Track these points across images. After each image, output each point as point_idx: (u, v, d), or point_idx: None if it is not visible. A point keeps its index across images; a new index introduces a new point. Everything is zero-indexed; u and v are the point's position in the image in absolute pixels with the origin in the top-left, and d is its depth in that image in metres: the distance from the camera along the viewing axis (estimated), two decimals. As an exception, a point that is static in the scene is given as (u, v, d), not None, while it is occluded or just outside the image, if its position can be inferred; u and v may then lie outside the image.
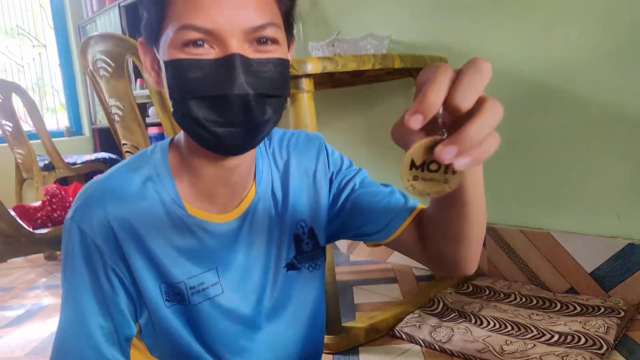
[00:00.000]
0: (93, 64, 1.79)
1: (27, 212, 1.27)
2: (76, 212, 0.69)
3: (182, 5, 0.61)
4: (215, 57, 0.61)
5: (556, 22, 1.63)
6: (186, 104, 0.63)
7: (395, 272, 2.08)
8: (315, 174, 0.82)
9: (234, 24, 0.60)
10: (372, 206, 0.79)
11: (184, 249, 0.72)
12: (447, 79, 0.41)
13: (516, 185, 1.82)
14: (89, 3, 3.68)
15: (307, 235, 0.81)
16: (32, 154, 2.78)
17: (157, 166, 0.73)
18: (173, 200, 0.72)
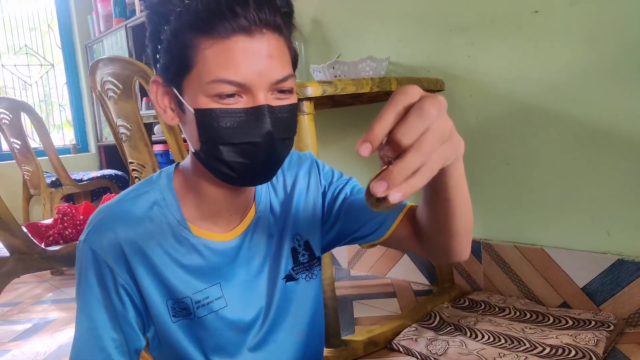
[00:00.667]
0: (101, 85, 1.85)
1: (39, 230, 1.32)
2: (89, 235, 0.76)
3: (212, 59, 0.65)
4: (245, 107, 0.67)
5: (549, 43, 1.70)
6: (217, 148, 0.69)
7: (395, 287, 2.13)
8: (308, 190, 0.89)
9: (262, 78, 0.66)
10: (364, 210, 0.84)
11: (189, 267, 0.78)
12: (395, 113, 0.45)
13: (511, 202, 1.88)
14: (96, 23, 3.77)
15: (303, 247, 0.87)
16: (39, 171, 2.84)
17: (163, 191, 0.79)
18: (178, 222, 0.78)
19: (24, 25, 3.98)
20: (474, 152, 1.93)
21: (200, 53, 0.66)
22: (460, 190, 0.63)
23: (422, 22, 2.03)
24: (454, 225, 0.68)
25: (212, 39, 0.65)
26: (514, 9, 1.76)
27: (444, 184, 0.60)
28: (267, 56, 0.66)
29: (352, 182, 0.90)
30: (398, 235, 0.82)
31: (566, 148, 1.71)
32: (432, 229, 0.73)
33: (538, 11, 1.70)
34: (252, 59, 0.65)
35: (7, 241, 1.19)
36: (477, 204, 1.96)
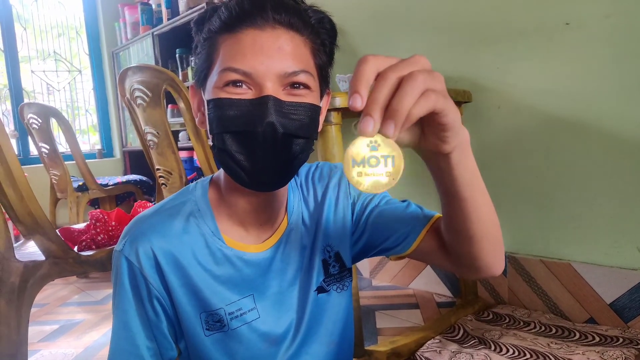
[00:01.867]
0: (130, 92, 1.88)
1: (72, 235, 1.35)
2: (125, 246, 0.77)
3: (225, 52, 0.70)
4: (252, 97, 0.69)
5: (579, 56, 1.68)
6: (222, 138, 0.70)
7: (417, 298, 2.12)
8: (338, 201, 0.89)
9: (269, 69, 0.68)
10: (391, 221, 0.84)
11: (222, 278, 0.79)
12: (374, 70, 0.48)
13: (537, 215, 1.86)
14: (124, 31, 3.83)
15: (334, 259, 0.88)
16: (67, 175, 2.89)
17: (199, 202, 0.81)
18: (213, 233, 0.79)
19: (53, 31, 4.06)
20: (502, 164, 1.92)
21: (219, 49, 0.71)
22: (474, 188, 0.62)
23: (450, 33, 2.03)
24: (472, 228, 0.66)
25: (228, 35, 0.70)
26: (544, 22, 1.75)
27: (453, 178, 0.59)
28: (276, 49, 0.68)
29: (382, 193, 0.89)
30: (425, 247, 0.81)
31: (596, 162, 1.69)
32: (452, 234, 0.70)
33: (569, 23, 1.69)
34: (260, 49, 0.68)
35: (43, 245, 1.22)
36: (504, 216, 1.94)
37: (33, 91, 3.95)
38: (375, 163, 0.48)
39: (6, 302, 1.18)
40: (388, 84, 0.47)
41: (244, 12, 0.69)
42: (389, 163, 0.48)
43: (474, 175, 0.61)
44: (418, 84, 0.46)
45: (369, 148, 0.48)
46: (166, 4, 3.23)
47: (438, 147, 0.54)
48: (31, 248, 1.38)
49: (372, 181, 0.49)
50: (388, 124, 0.46)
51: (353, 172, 0.48)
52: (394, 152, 0.49)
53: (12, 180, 1.13)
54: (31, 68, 3.93)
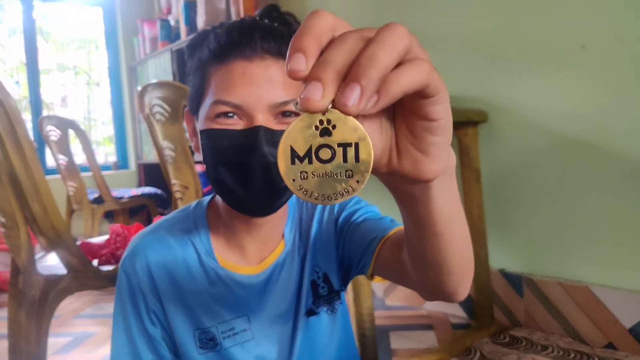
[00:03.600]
0: (150, 108, 1.91)
1: (92, 249, 1.36)
2: (125, 260, 0.81)
3: (216, 84, 0.71)
4: (243, 128, 0.70)
5: (595, 79, 1.68)
6: (216, 169, 0.72)
7: (432, 319, 2.10)
8: (323, 219, 0.88)
9: (259, 100, 0.69)
10: (360, 235, 0.79)
11: (215, 296, 0.80)
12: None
13: (555, 237, 1.84)
14: (142, 46, 3.88)
15: (322, 279, 0.86)
16: (83, 187, 2.92)
17: (197, 220, 0.83)
18: (207, 253, 0.81)
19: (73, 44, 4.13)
20: (517, 184, 1.92)
21: (209, 79, 0.72)
22: (453, 221, 0.48)
23: (465, 53, 2.04)
24: (442, 263, 0.52)
25: (219, 65, 0.71)
26: (560, 44, 1.75)
27: (430, 211, 0.44)
28: (266, 80, 0.69)
29: (367, 208, 0.85)
30: (384, 261, 0.72)
31: (612, 184, 1.68)
32: (415, 263, 0.58)
33: (585, 46, 1.69)
34: (250, 81, 0.69)
35: (65, 259, 1.23)
36: (520, 237, 1.95)
37: (51, 103, 4.00)
38: (327, 157, 0.32)
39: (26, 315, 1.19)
40: (349, 43, 0.32)
41: (232, 43, 0.71)
42: (350, 155, 0.32)
43: (456, 206, 0.48)
44: (397, 39, 0.32)
45: (317, 132, 0.32)
46: (185, 20, 3.27)
47: (418, 167, 0.38)
48: (50, 261, 1.39)
49: (323, 185, 0.32)
50: (351, 88, 0.31)
51: (293, 171, 0.32)
52: (357, 136, 0.32)
53: (38, 194, 1.14)
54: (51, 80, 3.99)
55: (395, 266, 0.68)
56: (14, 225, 1.22)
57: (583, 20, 1.70)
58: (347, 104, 0.30)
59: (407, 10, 2.27)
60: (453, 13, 2.08)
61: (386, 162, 0.38)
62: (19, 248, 1.24)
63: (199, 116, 0.75)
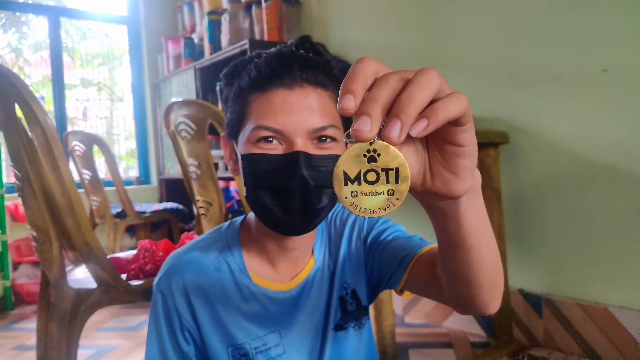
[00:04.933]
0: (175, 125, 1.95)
1: (121, 264, 1.40)
2: (160, 280, 0.84)
3: (257, 110, 0.75)
4: (283, 152, 0.73)
5: (617, 102, 1.70)
6: (257, 192, 0.75)
7: (451, 337, 2.10)
8: (353, 237, 0.91)
9: (299, 126, 0.72)
10: (390, 252, 0.84)
11: (249, 314, 0.83)
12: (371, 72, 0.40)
13: (575, 258, 1.85)
14: (165, 63, 3.97)
15: (351, 296, 0.89)
16: (106, 201, 2.98)
17: (230, 240, 0.87)
18: (241, 271, 0.84)
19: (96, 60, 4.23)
20: (538, 205, 1.92)
21: (250, 106, 0.76)
22: (482, 236, 0.53)
23: (487, 75, 2.06)
24: (474, 276, 0.58)
25: (259, 93, 0.75)
26: (582, 67, 1.77)
27: (459, 226, 0.50)
28: (305, 107, 0.73)
29: (395, 227, 0.89)
30: (417, 277, 0.77)
31: (634, 207, 1.68)
32: (449, 278, 0.63)
33: (607, 70, 1.71)
34: (290, 108, 0.72)
35: (96, 273, 1.27)
36: (540, 257, 1.95)
37: (75, 117, 4.09)
38: (373, 179, 0.39)
39: (58, 327, 1.23)
40: (391, 83, 0.38)
41: (272, 72, 0.75)
42: (391, 178, 0.39)
43: (484, 221, 0.53)
44: (431, 82, 0.38)
45: (365, 159, 0.38)
46: (209, 39, 3.34)
47: (449, 186, 0.44)
48: (80, 274, 1.43)
49: (371, 202, 0.39)
50: (394, 122, 0.37)
51: (345, 191, 0.39)
52: (397, 162, 0.38)
53: (72, 210, 1.19)
54: (75, 96, 4.08)
55: (429, 282, 0.74)
56: (47, 240, 1.27)
57: (605, 45, 1.71)
58: (391, 136, 0.37)
59: (432, 34, 2.31)
60: (476, 37, 2.11)
61: (421, 182, 0.45)
62: (50, 262, 1.28)
63: (238, 141, 0.79)
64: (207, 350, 0.82)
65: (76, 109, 4.11)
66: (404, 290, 0.82)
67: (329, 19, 2.90)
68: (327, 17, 2.91)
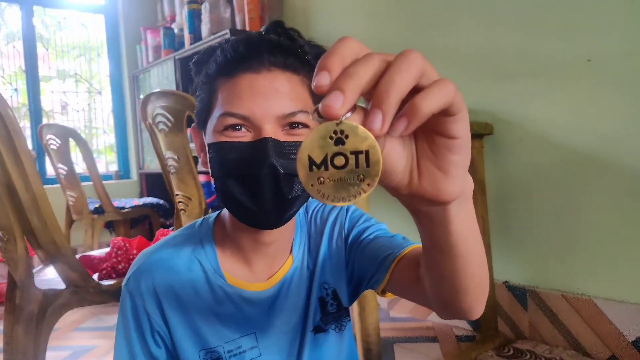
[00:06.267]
0: (153, 117, 1.89)
1: (92, 262, 1.34)
2: (129, 280, 0.79)
3: (223, 97, 0.71)
4: (251, 140, 0.69)
5: (602, 93, 1.67)
6: (225, 182, 0.71)
7: (436, 331, 2.08)
8: (333, 235, 0.87)
9: (267, 111, 0.68)
10: (372, 252, 0.80)
11: (222, 316, 0.79)
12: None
13: (559, 249, 1.83)
14: (145, 54, 3.88)
15: (331, 296, 0.85)
16: (83, 197, 2.90)
17: (203, 238, 0.82)
18: (214, 270, 0.79)
19: (74, 52, 4.12)
20: (522, 197, 1.90)
21: (217, 93, 0.72)
22: (470, 242, 0.50)
23: (472, 66, 2.03)
24: (459, 282, 0.54)
25: (226, 79, 0.71)
26: (566, 57, 1.74)
27: (448, 232, 0.46)
28: (273, 91, 0.69)
29: (377, 226, 0.85)
30: (400, 278, 0.73)
31: (618, 199, 1.66)
32: (433, 282, 0.59)
33: (591, 60, 1.68)
34: (257, 93, 0.69)
35: (64, 273, 1.20)
36: (524, 250, 1.93)
37: (52, 110, 3.99)
38: (341, 163, 0.35)
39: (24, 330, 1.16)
40: (370, 63, 0.35)
41: (239, 56, 0.71)
42: (361, 161, 0.35)
43: (473, 227, 0.49)
44: (412, 65, 0.35)
45: (332, 142, 0.35)
46: (189, 28, 3.27)
47: (438, 187, 0.40)
48: (50, 274, 1.37)
49: (338, 189, 0.36)
50: (374, 113, 0.33)
51: (311, 177, 0.35)
52: (367, 144, 0.34)
53: (37, 207, 1.12)
54: (51, 88, 3.98)
55: (411, 284, 0.69)
56: (12, 238, 1.20)
57: (589, 35, 1.69)
58: (373, 127, 0.34)
59: (417, 27, 2.28)
60: (461, 28, 2.08)
61: (407, 182, 0.41)
62: (16, 262, 1.21)
63: (206, 130, 0.75)
64: (179, 354, 0.78)
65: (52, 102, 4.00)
66: (385, 291, 0.79)
67: (312, 10, 2.85)
68: (310, 8, 2.86)
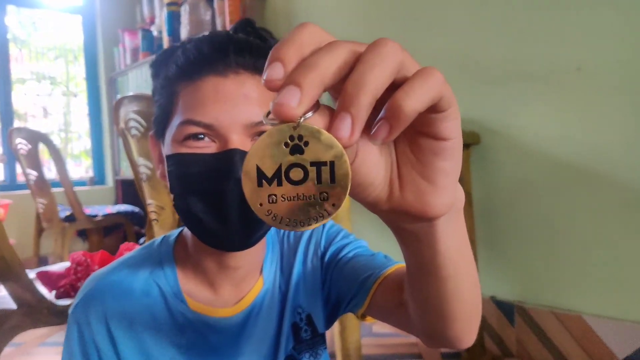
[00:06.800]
0: (125, 122, 1.81)
1: (51, 279, 1.24)
2: (77, 308, 0.69)
3: (185, 102, 0.62)
4: (215, 152, 0.61)
5: (592, 102, 1.62)
6: (185, 199, 0.63)
7: (420, 348, 2.00)
8: (308, 255, 0.79)
9: (234, 119, 0.60)
10: (351, 272, 0.72)
11: (184, 345, 0.70)
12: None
13: (548, 264, 1.77)
14: (122, 56, 3.78)
15: (305, 322, 0.77)
16: (53, 204, 2.79)
17: (162, 258, 0.73)
18: (175, 294, 0.70)
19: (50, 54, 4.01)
20: (509, 209, 1.84)
21: (177, 99, 0.64)
22: (460, 264, 0.44)
23: (457, 74, 1.97)
24: (448, 309, 0.48)
25: (187, 82, 0.63)
26: (555, 65, 1.69)
27: (435, 252, 0.40)
28: (241, 96, 0.61)
29: (356, 243, 0.78)
30: (381, 302, 0.66)
31: (609, 211, 1.61)
32: (418, 308, 0.53)
33: (580, 68, 1.63)
34: (222, 98, 0.61)
35: (15, 293, 1.11)
36: (512, 263, 1.87)
37: (26, 114, 3.87)
38: (299, 177, 0.28)
39: (-29, 354, 1.06)
40: (336, 53, 0.28)
41: (203, 58, 0.63)
42: (324, 175, 0.28)
43: (464, 246, 0.43)
44: (386, 58, 0.29)
45: (287, 150, 0.28)
46: (168, 31, 3.19)
47: (423, 201, 0.34)
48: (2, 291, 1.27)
49: (295, 210, 0.28)
50: (341, 118, 0.27)
51: (260, 195, 0.28)
52: (332, 154, 0.28)
53: (-16, 221, 1.03)
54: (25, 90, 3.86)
55: (394, 308, 0.63)
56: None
57: (578, 43, 1.64)
58: (340, 135, 0.27)
59: (400, 29, 2.22)
60: (446, 34, 2.03)
61: (386, 196, 0.35)
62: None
63: (165, 140, 0.66)
64: None
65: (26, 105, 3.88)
66: (365, 315, 0.71)
67: (295, 13, 2.78)
68: (293, 11, 2.79)
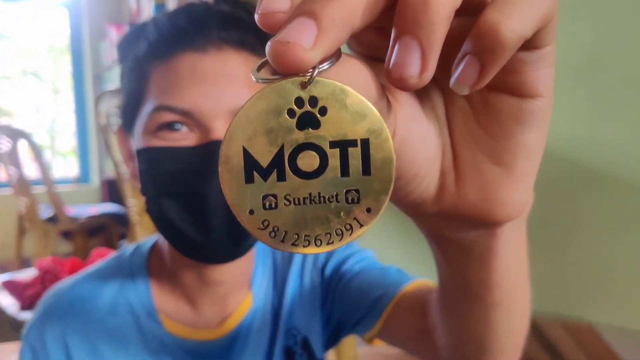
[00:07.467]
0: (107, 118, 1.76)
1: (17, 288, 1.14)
2: (31, 330, 0.60)
3: (157, 85, 0.53)
4: (195, 144, 0.51)
5: (606, 103, 1.55)
6: (159, 202, 0.53)
7: (419, 359, 1.92)
8: (306, 267, 0.69)
9: (217, 104, 0.50)
10: (358, 289, 0.63)
11: None
12: None
13: (557, 270, 1.72)
14: (109, 51, 3.69)
15: (301, 345, 0.66)
16: (34, 204, 2.70)
17: (134, 271, 0.63)
18: (148, 313, 0.60)
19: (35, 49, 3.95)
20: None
21: (149, 81, 0.54)
22: (516, 286, 0.35)
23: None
24: (495, 341, 0.39)
25: (160, 61, 0.54)
26: (565, 58, 1.62)
27: (489, 270, 0.31)
28: (224, 76, 0.51)
29: (362, 253, 0.68)
30: (398, 327, 0.57)
31: (624, 217, 1.54)
32: (455, 340, 0.44)
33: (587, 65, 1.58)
34: (202, 79, 0.51)
35: (-28, 306, 1.00)
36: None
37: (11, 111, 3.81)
38: (311, 166, 0.18)
39: None
40: None
41: (179, 32, 0.53)
42: (354, 162, 0.18)
43: (523, 267, 0.36)
44: None
45: (292, 120, 0.18)
46: (155, 25, 3.09)
47: (493, 198, 0.25)
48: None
49: (306, 219, 0.18)
50: (404, 47, 0.18)
51: (250, 197, 0.18)
52: (366, 125, 0.18)
53: None
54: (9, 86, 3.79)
55: (414, 335, 0.54)
56: None
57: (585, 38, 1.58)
58: (403, 74, 0.17)
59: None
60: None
61: (435, 192, 0.25)
62: None
63: (134, 132, 0.56)
64: None
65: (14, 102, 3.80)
66: (374, 339, 0.62)
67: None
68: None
